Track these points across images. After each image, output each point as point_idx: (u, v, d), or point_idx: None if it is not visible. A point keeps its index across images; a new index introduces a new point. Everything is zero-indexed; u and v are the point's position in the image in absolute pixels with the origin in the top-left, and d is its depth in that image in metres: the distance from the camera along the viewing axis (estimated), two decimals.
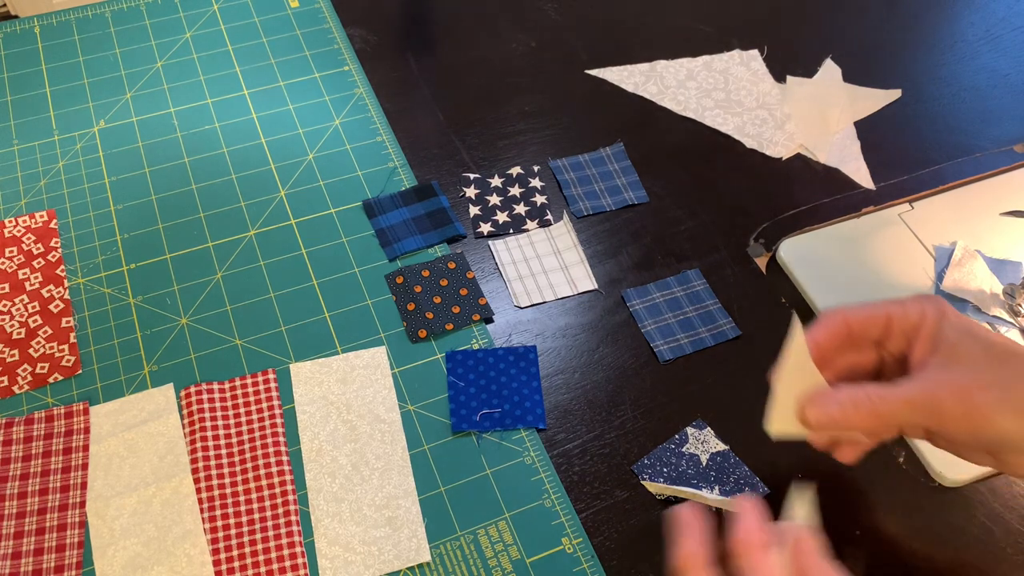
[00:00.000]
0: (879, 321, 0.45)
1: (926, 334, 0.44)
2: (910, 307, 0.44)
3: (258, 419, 0.57)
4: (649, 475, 0.52)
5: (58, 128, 0.72)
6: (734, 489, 0.48)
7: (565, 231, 0.67)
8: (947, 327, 0.43)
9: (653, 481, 0.52)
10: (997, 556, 0.53)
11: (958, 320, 0.43)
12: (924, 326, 0.44)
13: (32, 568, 0.51)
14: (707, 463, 0.51)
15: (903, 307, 0.45)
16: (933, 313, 0.44)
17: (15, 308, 0.61)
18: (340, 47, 0.79)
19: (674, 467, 0.52)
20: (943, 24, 0.84)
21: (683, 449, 0.52)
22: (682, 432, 0.52)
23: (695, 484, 0.51)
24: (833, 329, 0.45)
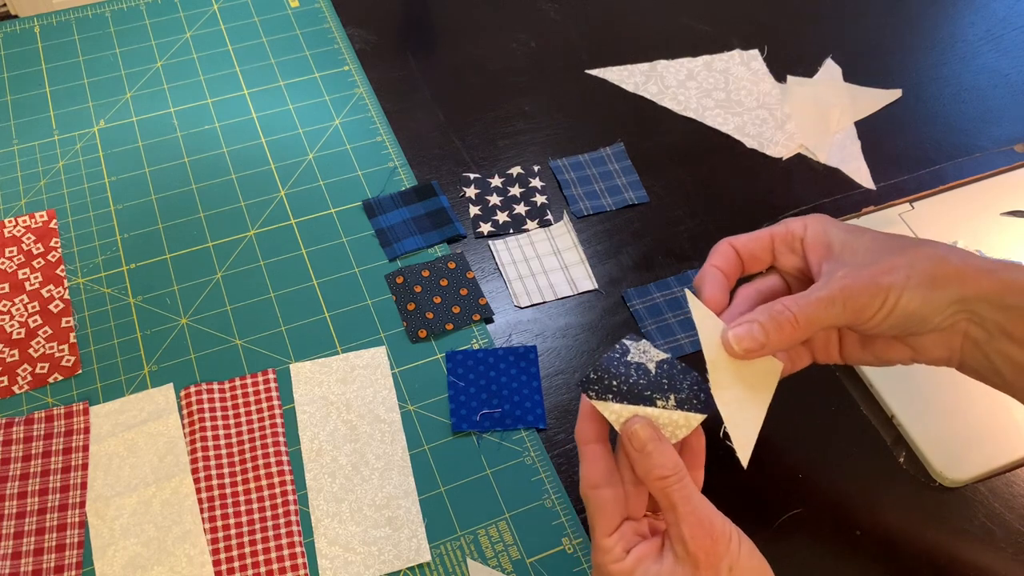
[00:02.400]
0: (764, 242, 0.47)
1: (815, 242, 0.45)
2: (791, 223, 0.47)
3: (258, 419, 0.57)
4: (597, 392, 0.44)
5: (58, 128, 0.72)
6: (690, 395, 0.43)
7: (565, 231, 0.67)
8: (833, 230, 0.45)
9: (603, 399, 0.44)
10: (997, 556, 0.53)
11: (842, 224, 0.46)
12: (809, 235, 0.46)
13: (32, 568, 0.51)
14: (655, 371, 0.44)
15: (784, 224, 0.47)
16: (815, 221, 0.46)
17: (15, 308, 0.61)
18: (340, 47, 0.79)
19: (624, 378, 0.44)
20: (943, 24, 0.84)
21: (628, 358, 0.45)
22: (620, 343, 0.45)
23: (648, 396, 0.44)
24: (725, 254, 0.47)
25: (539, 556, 0.52)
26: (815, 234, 0.46)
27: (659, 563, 0.40)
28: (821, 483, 0.55)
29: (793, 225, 0.47)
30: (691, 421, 0.42)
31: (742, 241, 0.47)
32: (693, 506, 0.40)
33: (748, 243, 0.47)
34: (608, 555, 0.41)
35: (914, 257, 0.42)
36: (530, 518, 0.54)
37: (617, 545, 0.41)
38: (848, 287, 0.42)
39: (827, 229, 0.45)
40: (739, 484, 0.48)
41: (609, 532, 0.42)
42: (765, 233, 0.47)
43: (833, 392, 0.59)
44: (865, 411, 0.58)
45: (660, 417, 0.43)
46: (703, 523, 0.39)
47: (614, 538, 0.42)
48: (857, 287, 0.42)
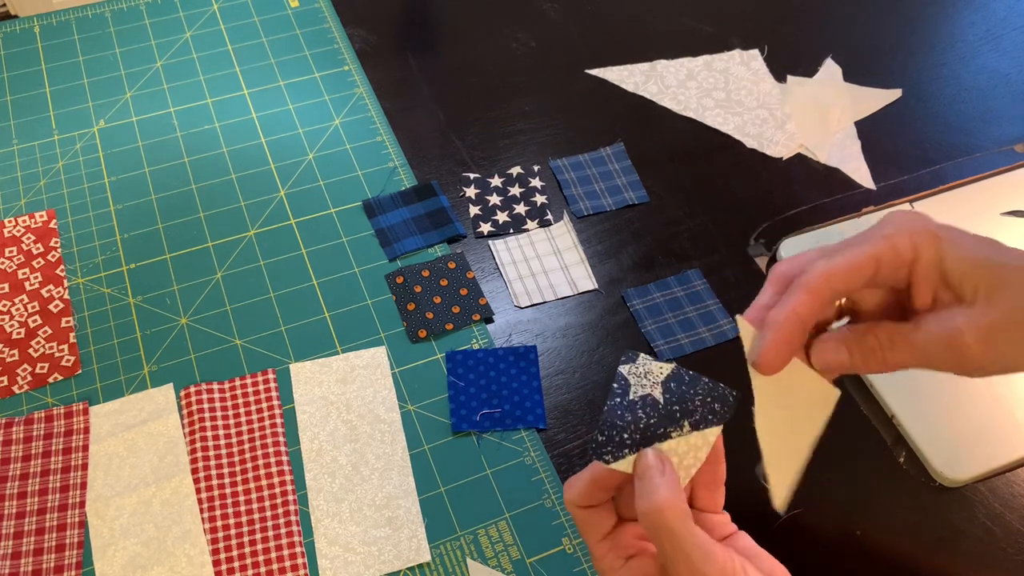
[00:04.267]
0: (867, 271, 0.38)
1: (926, 271, 0.38)
2: (899, 243, 0.38)
3: (258, 419, 0.57)
4: (612, 453, 0.40)
5: (58, 128, 0.72)
6: (704, 411, 0.40)
7: (565, 231, 0.67)
8: (949, 259, 0.38)
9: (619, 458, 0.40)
10: (997, 556, 0.53)
11: (957, 246, 0.38)
12: (921, 262, 0.38)
13: (32, 568, 0.51)
14: (664, 397, 0.40)
15: (891, 245, 0.38)
16: (928, 245, 0.38)
17: (15, 308, 0.61)
18: (340, 47, 0.79)
19: (634, 425, 0.40)
20: (943, 24, 0.84)
21: (631, 396, 0.40)
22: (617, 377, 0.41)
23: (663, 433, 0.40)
24: (818, 297, 0.38)
25: (539, 556, 0.52)
26: (928, 261, 0.38)
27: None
28: (821, 483, 0.55)
29: (902, 248, 0.38)
30: (709, 438, 0.40)
31: (840, 273, 0.38)
32: (684, 553, 0.35)
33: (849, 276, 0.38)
34: (601, 562, 0.39)
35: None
36: (530, 518, 0.54)
37: (610, 552, 0.39)
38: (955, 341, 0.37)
39: (942, 256, 0.37)
40: (739, 485, 0.48)
41: (600, 538, 0.39)
42: (869, 259, 0.38)
43: None
44: (865, 411, 0.58)
45: (679, 447, 0.40)
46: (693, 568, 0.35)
47: (606, 544, 0.39)
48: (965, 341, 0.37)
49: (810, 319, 0.38)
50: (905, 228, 0.38)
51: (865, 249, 0.38)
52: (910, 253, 0.37)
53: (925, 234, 0.38)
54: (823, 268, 0.38)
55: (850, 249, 0.38)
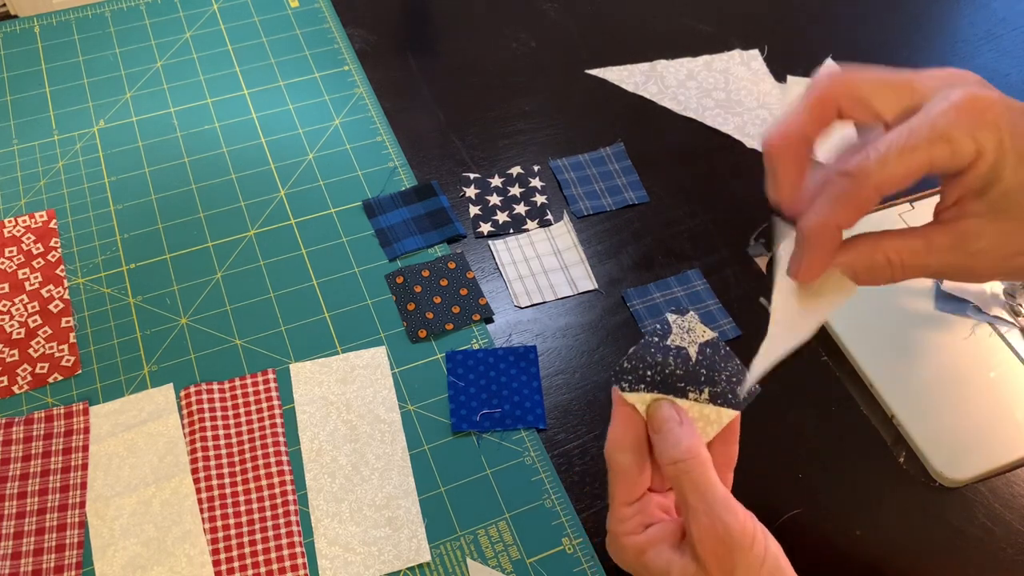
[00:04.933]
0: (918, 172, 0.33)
1: (976, 177, 0.33)
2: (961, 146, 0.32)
3: (258, 419, 0.57)
4: (630, 383, 0.41)
5: (58, 128, 0.72)
6: (726, 388, 0.40)
7: (565, 231, 0.67)
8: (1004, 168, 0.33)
9: (634, 390, 0.41)
10: (997, 556, 0.53)
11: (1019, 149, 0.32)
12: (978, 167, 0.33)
13: (32, 568, 0.51)
14: (696, 358, 0.40)
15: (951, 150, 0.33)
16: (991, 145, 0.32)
17: (15, 308, 0.61)
18: (340, 47, 0.79)
19: (660, 367, 0.40)
20: (943, 24, 0.84)
21: (668, 341, 0.41)
22: (662, 320, 0.41)
23: (682, 388, 0.40)
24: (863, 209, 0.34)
25: (539, 556, 0.52)
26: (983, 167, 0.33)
27: (676, 552, 0.37)
28: (821, 483, 0.55)
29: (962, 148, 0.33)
30: (723, 417, 0.40)
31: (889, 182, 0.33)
32: (706, 504, 0.35)
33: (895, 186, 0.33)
34: (623, 525, 0.39)
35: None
36: (530, 518, 0.54)
37: (634, 517, 0.39)
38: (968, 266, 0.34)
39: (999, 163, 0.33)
40: (739, 484, 0.48)
41: (629, 501, 0.39)
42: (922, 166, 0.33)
43: (833, 392, 0.59)
44: (865, 411, 0.58)
45: (691, 410, 0.40)
46: (715, 525, 0.35)
47: (633, 508, 0.39)
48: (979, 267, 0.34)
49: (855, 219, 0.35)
50: (967, 126, 0.32)
51: (923, 154, 0.33)
52: (970, 156, 0.33)
53: (988, 134, 0.32)
54: (875, 178, 0.33)
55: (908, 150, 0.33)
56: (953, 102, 0.33)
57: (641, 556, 0.39)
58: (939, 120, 0.33)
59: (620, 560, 0.41)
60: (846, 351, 0.60)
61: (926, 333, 0.61)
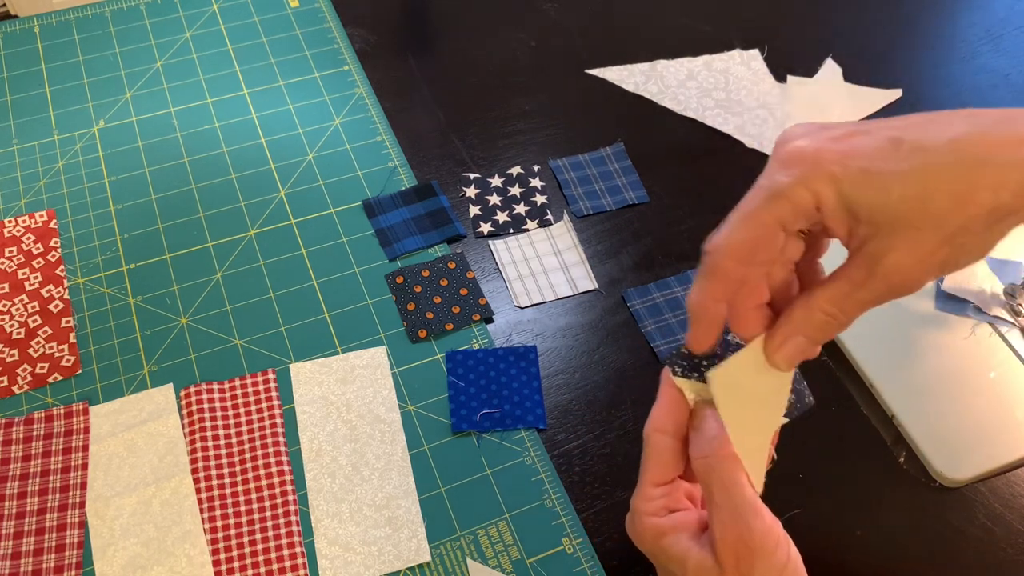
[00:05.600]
0: (770, 233, 0.35)
1: (835, 215, 0.34)
2: (797, 195, 0.34)
3: (258, 419, 0.57)
4: (684, 369, 0.40)
5: (58, 128, 0.72)
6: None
7: (565, 231, 0.67)
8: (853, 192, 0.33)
9: (687, 377, 0.40)
10: (997, 556, 0.53)
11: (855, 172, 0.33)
12: (826, 208, 0.34)
13: (32, 568, 0.51)
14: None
15: (789, 199, 0.34)
16: (827, 188, 0.34)
17: (15, 308, 0.61)
18: (340, 47, 0.79)
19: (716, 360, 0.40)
20: (943, 24, 0.84)
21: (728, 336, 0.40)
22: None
23: None
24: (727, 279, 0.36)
25: (539, 556, 0.52)
26: (832, 206, 0.34)
27: (695, 542, 0.37)
28: (821, 483, 0.55)
29: (802, 201, 0.34)
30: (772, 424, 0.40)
31: (740, 244, 0.35)
32: (733, 502, 0.35)
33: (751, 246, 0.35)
34: (648, 504, 0.39)
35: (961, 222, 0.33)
36: (530, 518, 0.54)
37: (660, 499, 0.39)
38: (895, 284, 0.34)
39: (844, 192, 0.33)
40: None
41: (658, 483, 0.39)
42: (766, 222, 0.35)
43: (833, 392, 0.59)
44: (865, 411, 0.58)
45: None
46: (738, 525, 0.35)
47: (660, 490, 0.39)
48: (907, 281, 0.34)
49: (728, 296, 0.36)
50: (798, 176, 0.34)
51: (761, 212, 0.35)
52: (812, 202, 0.34)
53: (819, 176, 0.33)
54: (721, 243, 0.35)
55: (746, 214, 0.35)
56: (775, 162, 0.35)
57: (660, 539, 0.38)
58: (766, 182, 0.35)
59: (637, 538, 0.41)
60: (846, 351, 0.60)
61: (926, 333, 0.61)
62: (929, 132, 0.33)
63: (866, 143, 0.34)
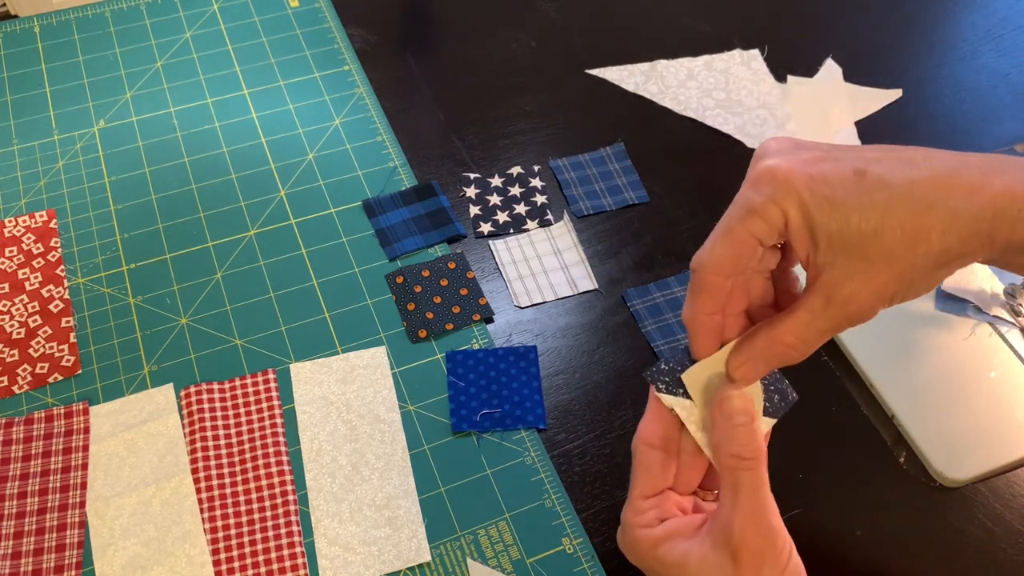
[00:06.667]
0: (747, 249, 0.37)
1: (798, 236, 0.36)
2: (768, 213, 0.36)
3: (258, 419, 0.57)
4: (667, 385, 0.40)
5: (58, 128, 0.72)
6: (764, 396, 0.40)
7: (565, 231, 0.67)
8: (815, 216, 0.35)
9: (674, 394, 0.41)
10: (997, 556, 0.53)
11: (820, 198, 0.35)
12: (792, 227, 0.36)
13: (32, 568, 0.51)
14: None
15: (761, 217, 0.36)
16: (793, 208, 0.35)
17: (15, 308, 0.61)
18: (340, 47, 0.79)
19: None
20: (944, 24, 0.84)
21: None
22: None
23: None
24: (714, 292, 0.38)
25: (539, 556, 0.52)
26: (797, 226, 0.36)
27: (690, 542, 0.38)
28: (821, 483, 0.55)
29: (772, 218, 0.36)
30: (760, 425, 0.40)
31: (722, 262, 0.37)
32: (758, 501, 0.37)
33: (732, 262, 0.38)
34: (639, 517, 0.40)
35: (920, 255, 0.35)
36: (530, 518, 0.54)
37: (651, 511, 0.40)
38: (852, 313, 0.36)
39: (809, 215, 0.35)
40: None
41: (647, 495, 0.40)
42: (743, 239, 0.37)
43: (833, 392, 0.59)
44: (865, 411, 0.58)
45: None
46: (760, 521, 0.37)
47: (650, 502, 0.40)
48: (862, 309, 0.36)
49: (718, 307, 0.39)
50: (769, 195, 0.36)
51: (737, 229, 0.37)
52: (780, 220, 0.36)
53: (787, 196, 0.35)
54: (706, 261, 0.38)
55: (725, 231, 0.37)
56: (750, 180, 0.37)
57: (655, 549, 0.39)
58: (742, 200, 0.37)
59: (630, 551, 0.41)
60: (846, 351, 0.60)
61: (926, 333, 0.61)
62: (893, 169, 0.35)
63: (834, 171, 0.35)
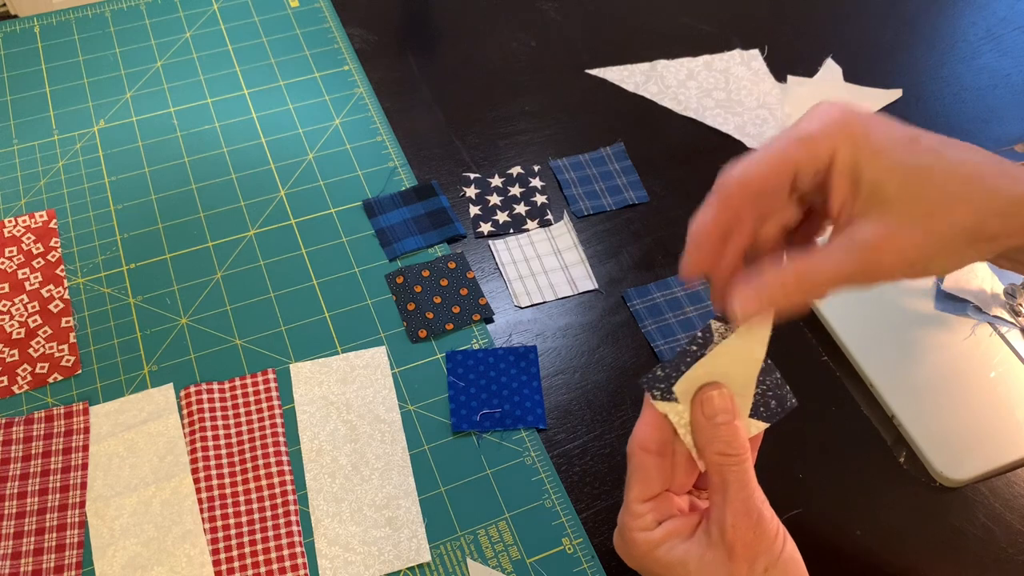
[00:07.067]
0: (784, 173, 0.36)
1: (841, 177, 0.36)
2: (819, 144, 0.36)
3: (258, 419, 0.57)
4: (662, 392, 0.40)
5: (58, 128, 0.72)
6: (759, 401, 0.39)
7: (565, 231, 0.67)
8: (864, 162, 0.35)
9: (668, 400, 0.40)
10: (997, 556, 0.53)
11: (870, 142, 0.35)
12: (837, 166, 0.36)
13: (32, 568, 0.51)
14: None
15: (809, 146, 0.36)
16: (844, 144, 0.36)
17: (15, 308, 0.61)
18: (340, 47, 0.79)
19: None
20: (944, 24, 0.84)
21: (707, 351, 0.39)
22: (704, 328, 0.39)
23: None
24: (730, 204, 0.37)
25: (539, 556, 0.52)
26: (843, 166, 0.35)
27: (688, 542, 0.39)
28: (821, 483, 0.55)
29: (820, 150, 0.36)
30: (751, 429, 0.40)
31: (755, 177, 0.36)
32: (746, 494, 0.38)
33: (763, 180, 0.36)
34: (637, 520, 0.40)
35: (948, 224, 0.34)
36: (530, 518, 0.54)
37: (649, 514, 0.40)
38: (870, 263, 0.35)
39: (857, 160, 0.35)
40: None
41: (644, 498, 0.40)
42: (787, 162, 0.36)
43: (833, 392, 0.59)
44: (865, 411, 0.58)
45: None
46: (750, 513, 0.37)
47: (648, 505, 0.40)
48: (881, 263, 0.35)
49: (727, 225, 0.37)
50: (824, 129, 0.36)
51: (781, 151, 0.36)
52: (828, 155, 0.36)
53: (843, 135, 0.35)
54: (737, 173, 0.37)
55: (767, 150, 0.37)
56: (814, 113, 0.37)
57: (654, 551, 0.39)
58: (800, 126, 0.37)
59: (627, 554, 0.41)
60: (846, 351, 0.60)
61: (926, 333, 0.61)
62: (945, 144, 0.36)
63: (890, 129, 0.36)
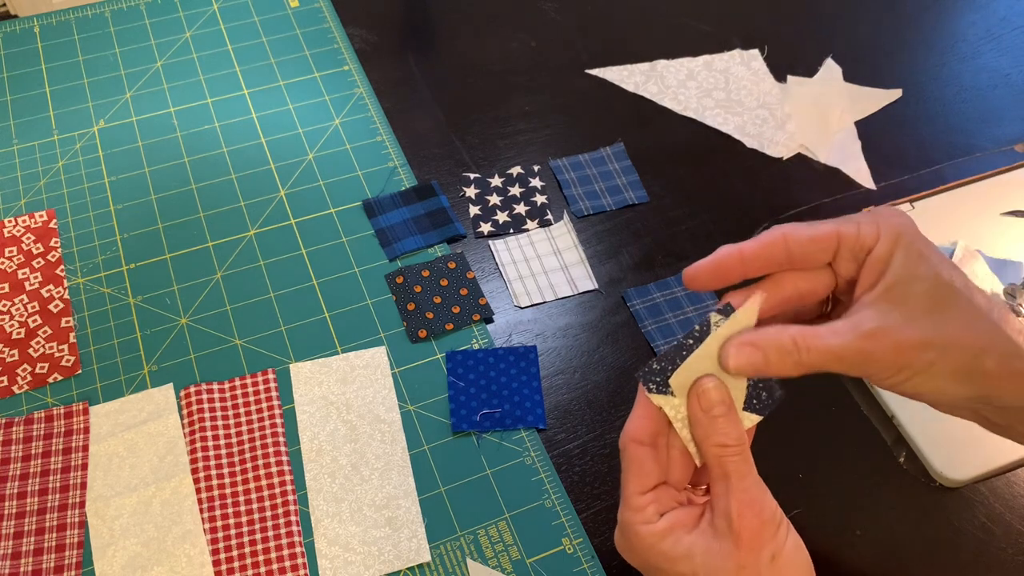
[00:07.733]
0: (827, 243, 0.39)
1: (874, 262, 0.38)
2: (865, 227, 0.38)
3: (258, 419, 0.57)
4: (658, 385, 0.39)
5: (58, 128, 0.72)
6: (751, 394, 0.39)
7: (565, 231, 0.67)
8: (899, 256, 0.37)
9: (664, 394, 0.40)
10: (997, 556, 0.53)
11: (913, 246, 0.38)
12: (875, 252, 0.38)
13: (32, 568, 0.51)
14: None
15: (857, 226, 0.38)
16: (888, 236, 0.38)
17: (15, 308, 0.61)
18: (340, 47, 0.79)
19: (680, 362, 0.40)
20: (943, 24, 0.84)
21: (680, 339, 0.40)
22: (703, 321, 0.39)
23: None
24: (767, 244, 0.39)
25: (539, 556, 0.52)
26: (879, 253, 0.38)
27: (693, 533, 0.38)
28: (821, 483, 0.55)
29: (865, 232, 0.38)
30: (745, 422, 0.40)
31: (800, 238, 0.39)
32: (748, 484, 0.38)
33: (808, 243, 0.39)
34: (639, 514, 0.39)
35: (952, 340, 0.36)
36: (530, 518, 0.54)
37: (650, 506, 0.39)
38: (864, 350, 0.36)
39: (894, 251, 0.37)
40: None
41: (643, 490, 0.40)
42: (832, 233, 0.38)
43: (833, 392, 0.59)
44: (865, 411, 0.58)
45: None
46: (754, 503, 0.37)
47: (648, 497, 0.40)
48: (876, 353, 0.36)
49: (751, 261, 0.39)
50: (876, 219, 0.39)
51: (832, 223, 0.39)
52: (871, 241, 0.38)
53: (892, 232, 0.38)
54: (787, 227, 0.39)
55: (819, 222, 0.40)
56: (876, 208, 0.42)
57: (659, 544, 0.39)
58: (859, 214, 0.40)
59: (631, 550, 0.41)
60: None
61: None
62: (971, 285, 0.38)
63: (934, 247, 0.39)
